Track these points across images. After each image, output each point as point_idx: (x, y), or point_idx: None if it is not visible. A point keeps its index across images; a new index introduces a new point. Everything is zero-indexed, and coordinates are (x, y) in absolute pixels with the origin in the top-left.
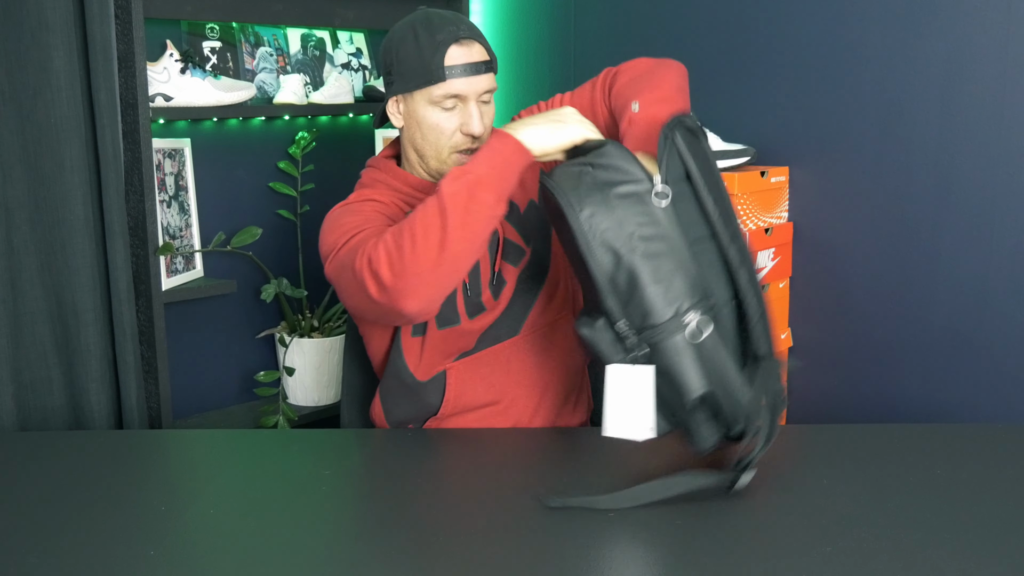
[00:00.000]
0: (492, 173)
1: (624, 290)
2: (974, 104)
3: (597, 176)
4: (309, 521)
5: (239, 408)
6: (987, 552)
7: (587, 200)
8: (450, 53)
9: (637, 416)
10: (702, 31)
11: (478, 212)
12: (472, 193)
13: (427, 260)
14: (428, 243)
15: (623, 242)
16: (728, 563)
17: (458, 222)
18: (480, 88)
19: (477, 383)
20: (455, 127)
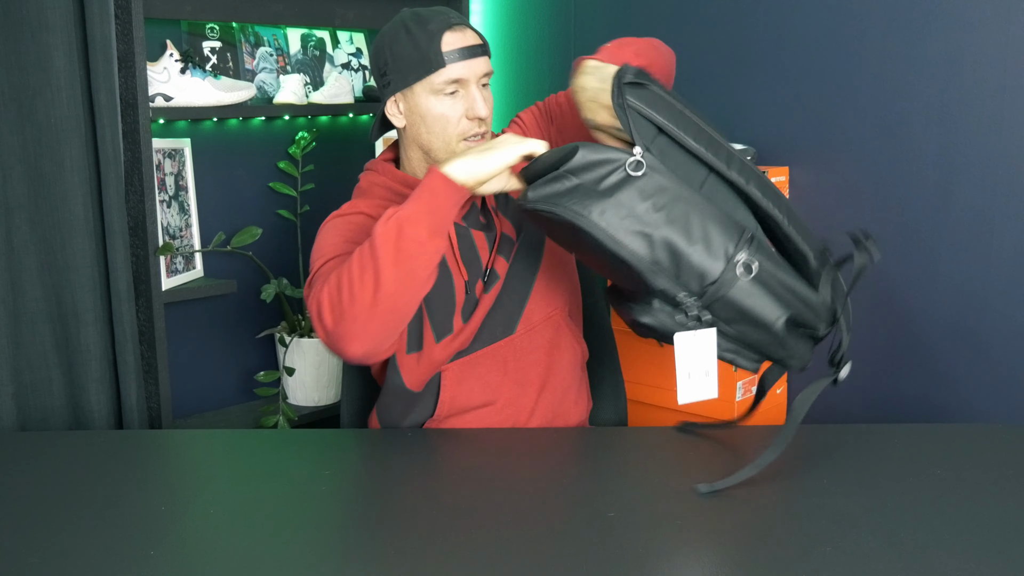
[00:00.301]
0: (420, 209)
1: (669, 265)
2: (974, 104)
3: (583, 180)
4: (309, 521)
5: (239, 408)
6: (987, 552)
7: (589, 202)
8: (446, 39)
9: (708, 378)
10: (702, 31)
11: (410, 250)
12: (401, 231)
13: (363, 304)
14: (364, 287)
15: (644, 222)
16: (728, 563)
17: (389, 262)
18: (479, 71)
19: (472, 383)
20: (460, 114)
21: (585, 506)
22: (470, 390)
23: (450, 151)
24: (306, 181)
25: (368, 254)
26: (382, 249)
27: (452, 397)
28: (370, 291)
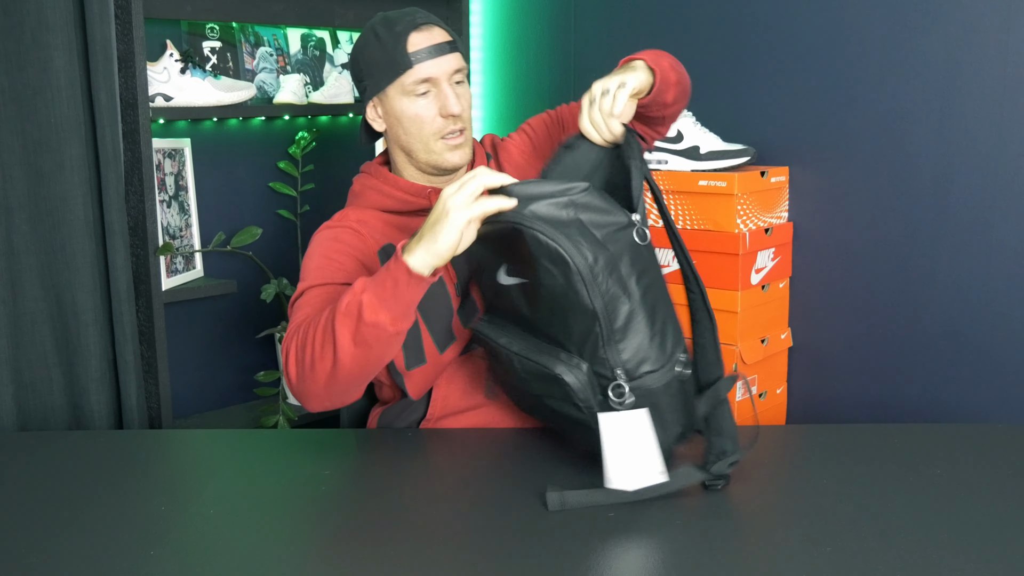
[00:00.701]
0: (384, 296)
1: (619, 336)
2: (974, 104)
3: (583, 218)
4: (309, 521)
5: (239, 408)
6: (987, 552)
7: (583, 244)
8: (411, 40)
9: (645, 461)
10: (702, 31)
11: (369, 334)
12: (362, 316)
13: (322, 375)
14: (323, 361)
15: (626, 289)
16: (728, 563)
17: (348, 342)
18: (448, 68)
19: (464, 383)
20: (434, 113)
21: (585, 506)
22: (462, 390)
23: (429, 151)
24: (306, 181)
25: (329, 331)
26: (341, 329)
27: (444, 396)
28: (328, 366)
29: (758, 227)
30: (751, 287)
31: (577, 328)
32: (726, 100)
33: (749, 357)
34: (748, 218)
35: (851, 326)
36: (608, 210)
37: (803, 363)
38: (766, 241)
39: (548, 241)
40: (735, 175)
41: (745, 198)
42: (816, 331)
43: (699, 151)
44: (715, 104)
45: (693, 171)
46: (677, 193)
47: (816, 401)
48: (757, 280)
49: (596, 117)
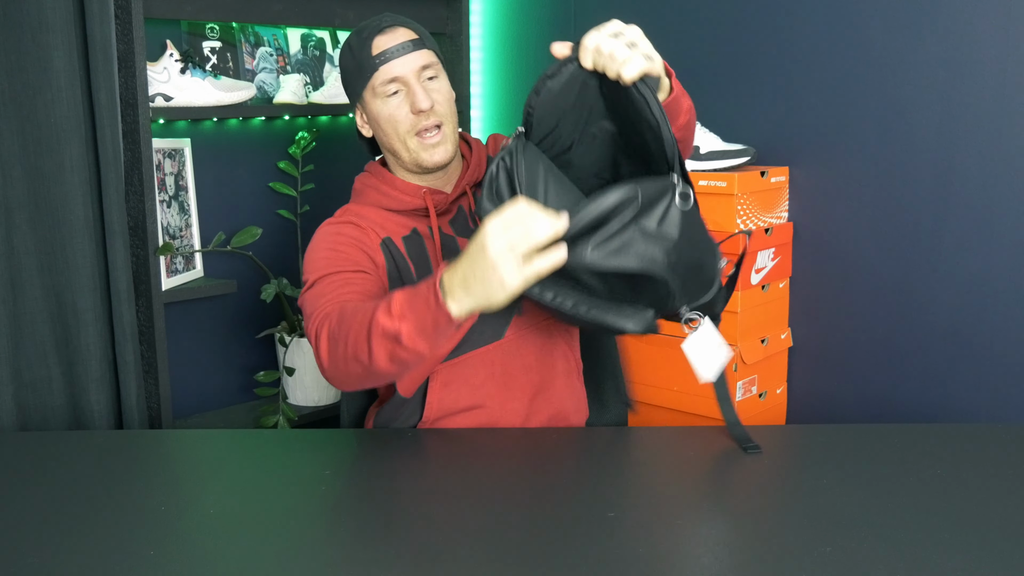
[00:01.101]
0: (423, 329)
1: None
2: (974, 104)
3: (642, 225)
4: (309, 521)
5: (239, 408)
6: (987, 552)
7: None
8: (376, 43)
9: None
10: (702, 31)
11: (409, 357)
12: (400, 342)
13: (354, 376)
14: (357, 362)
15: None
16: (728, 563)
17: (383, 361)
18: (415, 64)
19: (459, 386)
20: (406, 111)
21: (585, 506)
22: (457, 392)
23: (409, 150)
24: (306, 181)
25: (364, 343)
26: (378, 349)
27: (439, 399)
28: (362, 368)
29: (758, 227)
30: (751, 287)
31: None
32: (726, 100)
33: (749, 357)
34: (748, 218)
35: (851, 326)
36: (653, 199)
37: (803, 363)
38: (766, 241)
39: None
40: (735, 175)
41: (745, 198)
42: (816, 331)
43: (699, 151)
44: (715, 104)
45: (693, 171)
46: None
47: (816, 401)
48: (757, 280)
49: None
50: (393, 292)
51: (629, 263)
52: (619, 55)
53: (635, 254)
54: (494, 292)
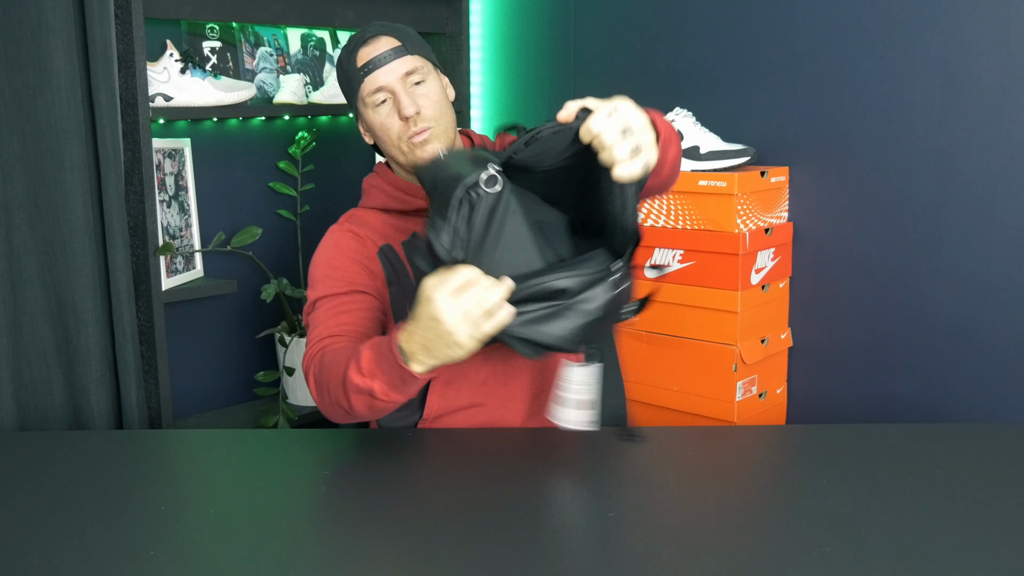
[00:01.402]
0: (393, 384)
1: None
2: (974, 104)
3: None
4: (309, 521)
5: (239, 408)
6: (987, 552)
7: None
8: (360, 54)
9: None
10: (702, 31)
11: (384, 407)
12: (374, 396)
13: (337, 417)
14: (338, 408)
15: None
16: (728, 563)
17: (362, 410)
18: (397, 72)
19: (461, 384)
20: (396, 119)
21: (585, 506)
22: (458, 391)
23: (403, 153)
24: (306, 181)
25: (343, 395)
26: (356, 401)
27: (441, 396)
28: (343, 414)
29: (758, 227)
30: (751, 287)
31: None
32: (726, 100)
33: (749, 357)
34: (748, 218)
35: (851, 326)
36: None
37: (803, 363)
38: (766, 241)
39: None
40: (735, 175)
41: (745, 198)
42: (816, 331)
43: (699, 151)
44: (715, 104)
45: (693, 171)
46: (677, 193)
47: (816, 401)
48: (757, 280)
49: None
50: (362, 347)
51: (542, 339)
52: (619, 155)
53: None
54: (454, 353)
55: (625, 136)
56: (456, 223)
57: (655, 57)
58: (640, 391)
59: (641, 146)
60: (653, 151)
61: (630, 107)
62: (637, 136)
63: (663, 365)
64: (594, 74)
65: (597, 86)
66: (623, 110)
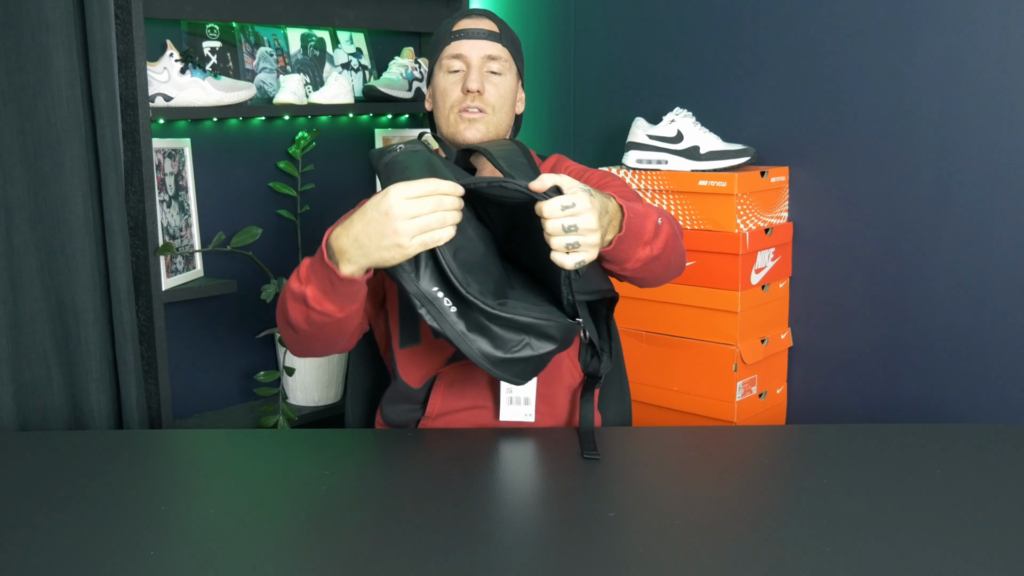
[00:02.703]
0: (325, 290)
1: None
2: (974, 104)
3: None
4: (309, 521)
5: (239, 408)
6: (987, 552)
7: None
8: (461, 22)
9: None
10: (702, 31)
11: (321, 319)
12: (309, 306)
13: (293, 345)
14: (287, 333)
15: None
16: (728, 563)
17: (304, 326)
18: (482, 51)
19: (464, 386)
20: (459, 89)
21: (585, 506)
22: (460, 394)
23: (448, 124)
24: (306, 181)
25: (285, 310)
26: (295, 314)
27: (444, 397)
28: (294, 336)
29: (758, 227)
30: (751, 287)
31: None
32: (726, 100)
33: (749, 357)
34: (748, 218)
35: (851, 326)
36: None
37: (803, 363)
38: (766, 241)
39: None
40: (735, 175)
41: (745, 198)
42: (816, 331)
43: (699, 151)
44: (715, 104)
45: (693, 171)
46: (677, 193)
47: (816, 401)
48: (757, 280)
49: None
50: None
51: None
52: (555, 245)
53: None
54: (389, 255)
55: (567, 232)
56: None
57: (655, 57)
58: (640, 391)
59: (580, 244)
60: (591, 252)
61: (587, 205)
62: (580, 235)
63: (663, 365)
64: (594, 74)
65: (597, 86)
66: (579, 207)
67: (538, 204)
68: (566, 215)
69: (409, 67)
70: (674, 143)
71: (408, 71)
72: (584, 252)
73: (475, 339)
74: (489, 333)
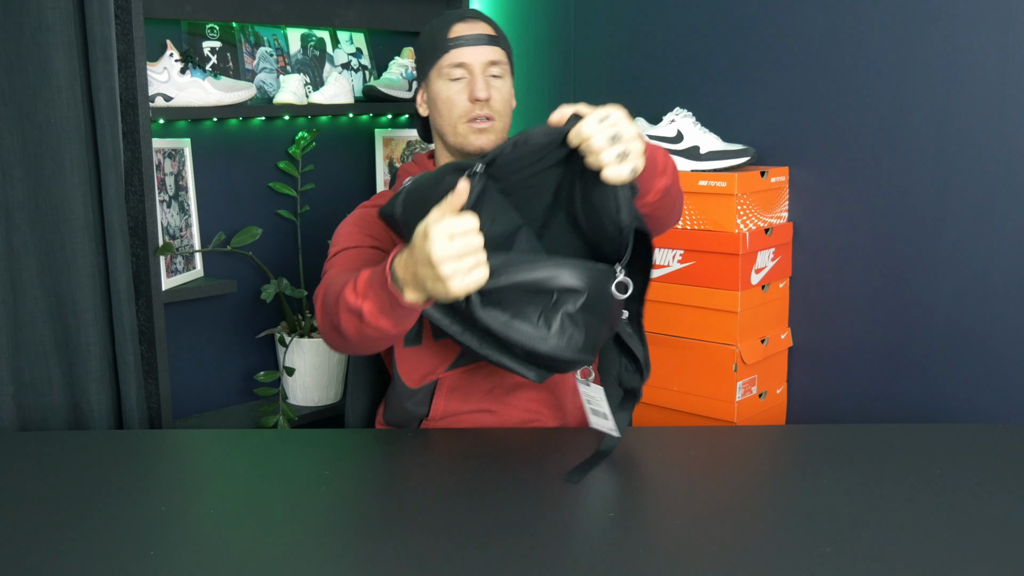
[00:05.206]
0: (383, 308)
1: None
2: (974, 104)
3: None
4: (309, 521)
5: (239, 408)
6: (987, 552)
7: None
8: (455, 28)
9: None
10: (702, 31)
11: (374, 333)
12: (364, 320)
13: (335, 345)
14: (335, 335)
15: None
16: (728, 563)
17: (354, 335)
18: (483, 57)
19: (467, 391)
20: (465, 98)
21: (585, 506)
22: (463, 398)
23: (456, 134)
24: (306, 181)
25: (338, 319)
26: (347, 324)
27: (446, 402)
28: (340, 342)
29: (758, 227)
30: (751, 287)
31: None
32: (726, 100)
33: (749, 357)
34: (748, 218)
35: (851, 326)
36: (594, 287)
37: (803, 363)
38: (766, 241)
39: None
40: (735, 175)
41: (745, 198)
42: (816, 331)
43: (699, 151)
44: (715, 104)
45: (693, 171)
46: None
47: (816, 401)
48: (757, 280)
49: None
50: (362, 270)
51: (516, 338)
52: (605, 159)
53: (550, 340)
54: (441, 294)
55: (613, 142)
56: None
57: (655, 57)
58: (643, 392)
59: (629, 152)
60: (640, 159)
61: (621, 115)
62: (625, 143)
63: (663, 365)
64: (594, 74)
65: (597, 86)
66: (614, 117)
67: (573, 130)
68: (606, 127)
69: (409, 67)
70: (674, 143)
71: (408, 71)
72: (634, 159)
73: (519, 326)
74: (514, 307)
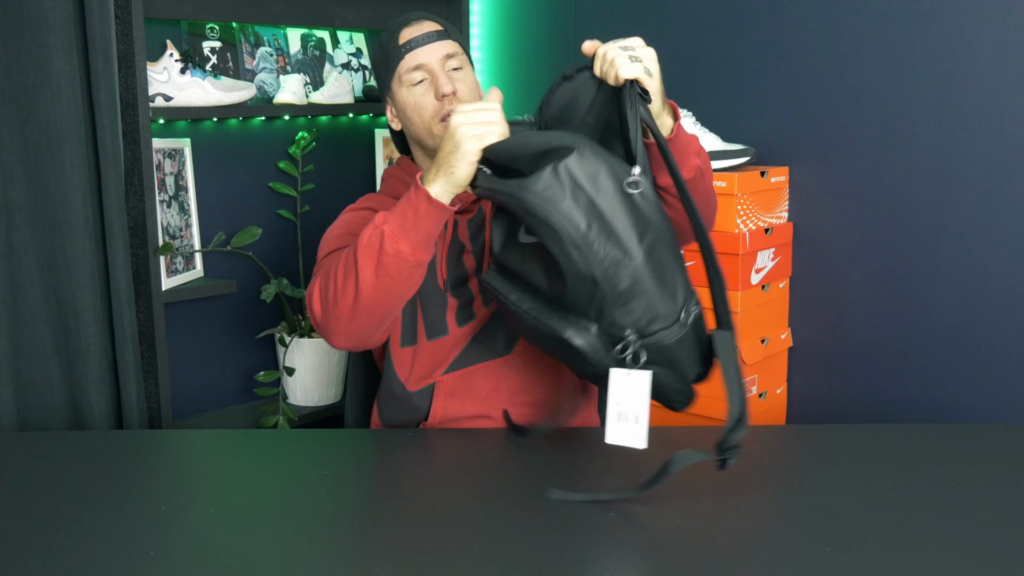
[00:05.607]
0: (405, 225)
1: (626, 294)
2: (974, 104)
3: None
4: (309, 521)
5: (239, 408)
6: (987, 552)
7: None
8: (403, 34)
9: (638, 425)
10: (702, 31)
11: (391, 264)
12: (383, 246)
13: (345, 306)
14: (346, 291)
15: (623, 249)
16: (728, 563)
17: (371, 272)
18: (438, 53)
19: (466, 396)
20: (431, 98)
21: (585, 506)
22: (462, 403)
23: (433, 136)
24: (306, 181)
25: (351, 260)
26: (364, 259)
27: (446, 406)
28: (351, 296)
29: (758, 227)
30: (751, 287)
31: (581, 294)
32: (726, 100)
33: (749, 357)
34: (748, 218)
35: (851, 326)
36: (599, 168)
37: (803, 363)
38: (766, 241)
39: (537, 211)
40: (735, 175)
41: (745, 198)
42: (816, 331)
43: None
44: (715, 104)
45: None
46: None
47: (816, 401)
48: (757, 280)
49: (613, 52)
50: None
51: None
52: (619, 61)
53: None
54: (457, 162)
55: (625, 51)
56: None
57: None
58: None
59: (641, 57)
60: (654, 65)
61: (641, 42)
62: (638, 51)
63: None
64: None
65: None
66: (633, 41)
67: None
68: (623, 45)
69: None
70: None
71: None
72: (647, 63)
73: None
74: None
